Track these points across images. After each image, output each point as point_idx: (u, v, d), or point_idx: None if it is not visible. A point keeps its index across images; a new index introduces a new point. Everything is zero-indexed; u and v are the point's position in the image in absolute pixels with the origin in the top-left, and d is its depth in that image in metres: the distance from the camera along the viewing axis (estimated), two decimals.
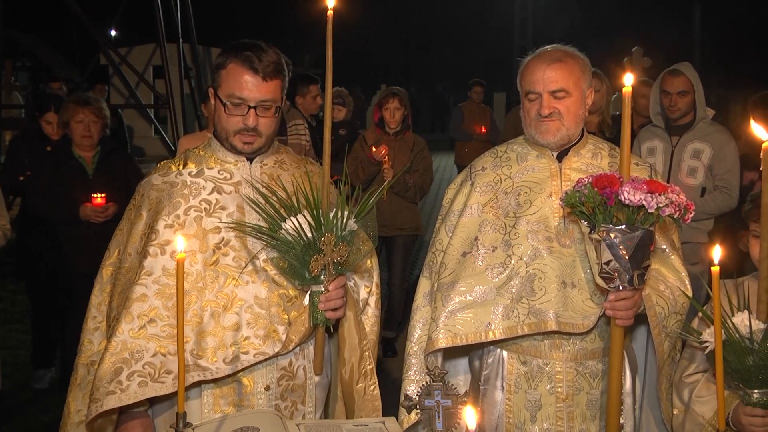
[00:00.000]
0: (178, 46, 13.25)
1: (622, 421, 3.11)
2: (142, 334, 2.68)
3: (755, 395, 2.65)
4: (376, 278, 3.11)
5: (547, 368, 3.10)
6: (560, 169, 3.12)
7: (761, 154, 2.54)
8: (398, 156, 7.05)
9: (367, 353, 2.97)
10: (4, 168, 7.20)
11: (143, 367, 2.65)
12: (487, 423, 3.15)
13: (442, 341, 3.03)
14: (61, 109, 6.11)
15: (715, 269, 2.29)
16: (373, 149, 6.98)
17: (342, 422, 2.71)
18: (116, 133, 10.99)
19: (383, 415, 2.92)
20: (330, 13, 2.70)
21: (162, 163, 3.01)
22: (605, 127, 5.93)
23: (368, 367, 2.98)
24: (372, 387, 2.99)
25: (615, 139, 6.38)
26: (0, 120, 12.95)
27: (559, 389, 3.10)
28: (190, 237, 2.76)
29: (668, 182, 5.77)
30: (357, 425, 2.59)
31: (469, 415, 1.74)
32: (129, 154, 9.65)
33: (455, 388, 2.35)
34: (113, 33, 19.48)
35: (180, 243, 2.19)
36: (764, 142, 2.53)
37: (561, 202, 2.80)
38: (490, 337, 3.00)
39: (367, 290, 3.07)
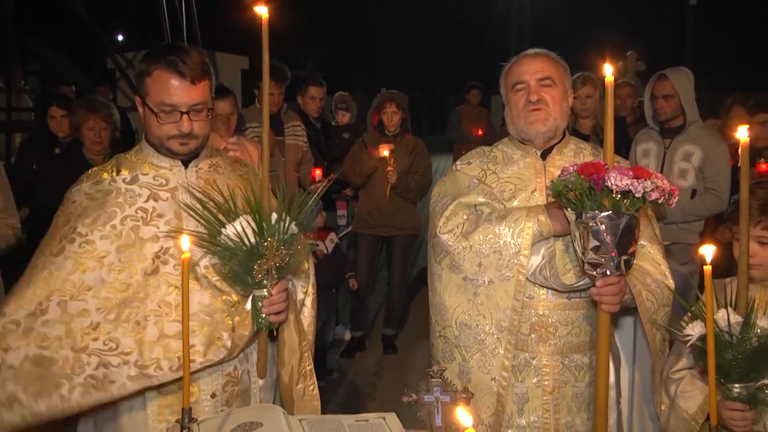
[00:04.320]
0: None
1: None
2: (87, 349, 2.60)
3: (735, 390, 2.67)
4: (312, 278, 3.07)
5: (534, 362, 3.12)
6: (544, 167, 3.15)
7: (739, 150, 2.56)
8: (398, 158, 7.06)
9: (306, 354, 2.93)
10: (15, 169, 7.20)
11: (85, 379, 2.59)
12: (477, 417, 3.16)
13: None
14: (72, 114, 6.15)
15: (708, 268, 2.30)
16: (375, 150, 7.00)
17: (343, 417, 2.71)
18: (124, 135, 10.98)
19: (381, 409, 2.92)
20: (265, 18, 2.61)
21: (93, 170, 2.91)
22: (599, 130, 5.95)
23: (308, 368, 2.94)
24: (311, 387, 2.96)
25: None
26: (10, 122, 12.95)
27: (546, 382, 3.11)
28: (130, 246, 2.69)
29: None
30: (358, 420, 2.60)
31: (462, 415, 1.74)
32: None
33: (454, 384, 2.36)
34: (120, 38, 19.52)
35: (185, 242, 2.19)
36: (741, 139, 2.55)
37: (548, 190, 2.82)
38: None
39: (303, 290, 3.04)
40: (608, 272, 2.69)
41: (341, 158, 7.63)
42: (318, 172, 6.87)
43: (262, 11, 2.59)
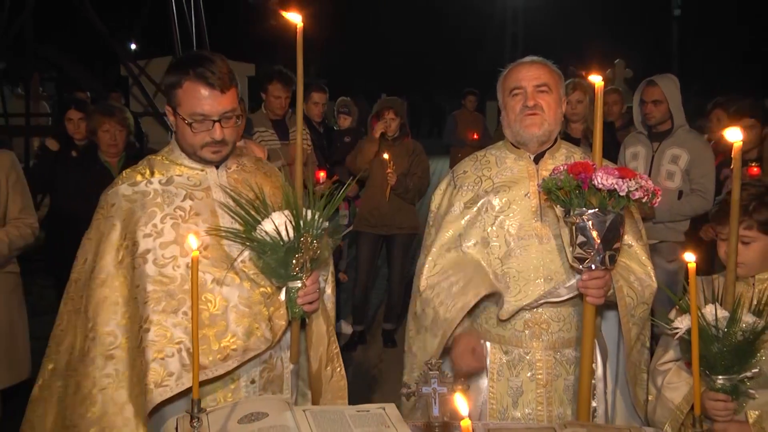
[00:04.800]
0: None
1: (594, 404, 3.15)
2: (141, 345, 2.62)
3: (719, 381, 2.68)
4: (331, 267, 3.09)
5: (527, 357, 3.13)
6: (537, 171, 3.14)
7: (732, 153, 2.57)
8: (397, 160, 7.08)
9: (333, 338, 2.97)
10: (33, 171, 7.20)
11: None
12: (473, 409, 3.16)
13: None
14: (88, 118, 6.15)
15: (692, 265, 2.30)
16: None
17: (344, 408, 2.71)
18: (136, 139, 11.00)
19: (381, 400, 2.93)
20: (299, 27, 2.65)
21: (126, 172, 2.90)
22: (589, 133, 5.95)
23: (334, 351, 2.98)
24: (338, 369, 3.00)
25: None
26: (28, 127, 12.97)
27: (539, 376, 3.12)
28: (171, 243, 2.70)
29: None
30: (359, 411, 2.59)
31: (461, 402, 1.73)
32: None
33: (450, 376, 2.36)
34: (133, 46, 19.53)
35: (192, 241, 2.18)
36: (735, 142, 2.55)
37: (539, 188, 2.84)
38: (473, 300, 3.03)
39: (324, 278, 3.04)
40: (593, 266, 2.73)
41: (343, 161, 7.64)
42: (322, 174, 6.88)
43: (296, 19, 2.64)
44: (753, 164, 5.62)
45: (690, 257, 2.35)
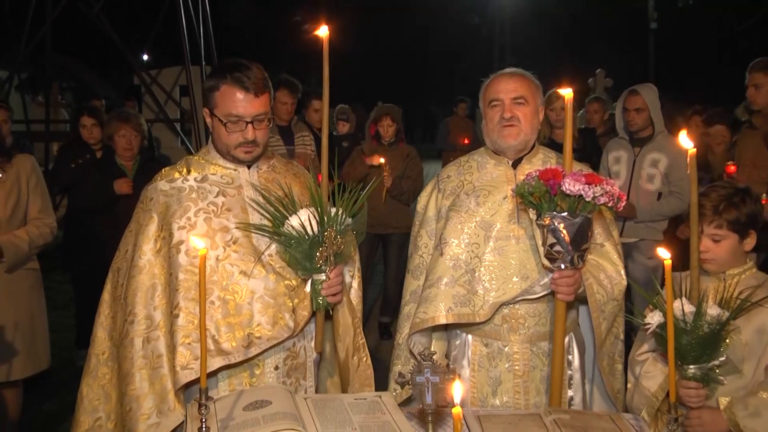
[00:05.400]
0: (200, 68, 13.24)
1: (571, 393, 3.17)
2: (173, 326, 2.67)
3: (690, 370, 2.70)
4: (357, 263, 3.10)
5: (506, 349, 3.13)
6: (515, 175, 3.14)
7: (687, 159, 2.59)
8: (393, 164, 7.10)
9: (359, 329, 2.97)
10: (52, 174, 7.19)
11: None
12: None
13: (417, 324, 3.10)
14: (106, 124, 6.20)
15: (668, 263, 2.31)
16: (368, 158, 7.02)
17: (343, 396, 2.72)
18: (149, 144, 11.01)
19: (378, 388, 2.93)
20: (325, 38, 2.66)
21: (165, 170, 2.95)
22: (574, 139, 5.96)
23: (360, 342, 2.98)
24: (365, 358, 3.00)
25: (580, 150, 6.40)
26: (48, 133, 12.98)
27: (517, 367, 3.12)
28: (203, 236, 2.72)
29: (630, 187, 5.85)
30: (357, 398, 2.60)
31: (456, 389, 1.75)
32: (163, 163, 9.66)
33: (443, 366, 2.36)
34: (145, 57, 19.49)
35: (198, 242, 2.19)
36: (690, 149, 2.57)
37: (512, 193, 2.86)
38: (442, 320, 3.05)
39: (350, 274, 3.06)
40: (563, 266, 2.76)
41: (341, 164, 7.64)
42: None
43: (323, 33, 2.65)
44: (730, 163, 5.63)
45: (665, 254, 2.35)
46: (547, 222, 2.70)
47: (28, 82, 16.60)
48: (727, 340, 2.72)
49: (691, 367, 2.70)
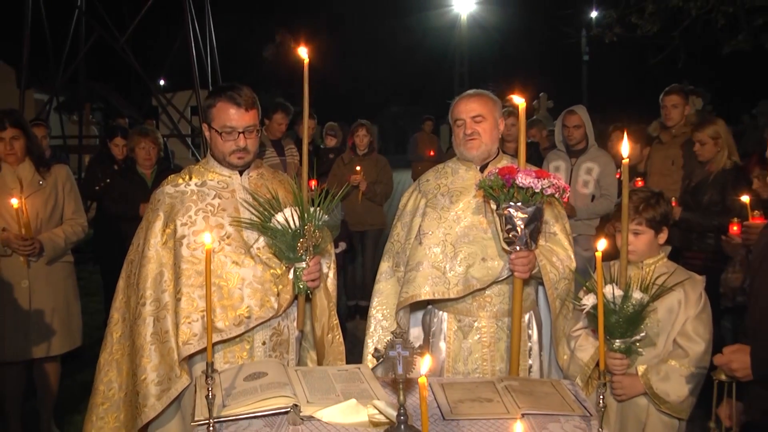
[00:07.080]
0: (208, 91, 13.24)
1: (530, 362, 3.16)
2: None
3: (616, 344, 2.74)
4: (333, 256, 3.10)
5: (475, 324, 3.12)
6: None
7: (620, 168, 2.59)
8: (367, 171, 7.16)
9: (333, 312, 2.97)
10: (84, 181, 7.13)
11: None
12: (435, 365, 3.16)
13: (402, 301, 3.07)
14: (128, 138, 6.16)
15: (599, 254, 2.31)
16: (353, 176, 7.02)
17: (327, 368, 2.70)
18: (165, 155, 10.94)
19: (351, 361, 2.92)
20: (306, 62, 2.63)
21: (171, 176, 2.96)
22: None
23: (334, 322, 2.97)
24: (338, 336, 2.99)
25: (526, 160, 6.40)
26: (81, 147, 12.87)
27: (485, 339, 3.11)
28: (202, 231, 2.71)
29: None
30: (339, 370, 2.58)
31: (425, 362, 1.76)
32: (177, 172, 9.60)
33: (412, 342, 2.34)
34: (162, 82, 19.34)
35: (207, 238, 2.16)
36: (624, 159, 2.58)
37: (476, 188, 2.88)
38: (422, 297, 3.02)
39: (327, 265, 3.04)
40: (519, 248, 2.78)
41: (327, 172, 7.64)
42: (314, 183, 6.85)
43: (303, 54, 2.62)
44: (638, 179, 5.76)
45: (602, 246, 2.35)
46: (504, 211, 2.73)
47: (64, 104, 16.46)
48: (647, 319, 2.75)
49: (617, 341, 2.73)
